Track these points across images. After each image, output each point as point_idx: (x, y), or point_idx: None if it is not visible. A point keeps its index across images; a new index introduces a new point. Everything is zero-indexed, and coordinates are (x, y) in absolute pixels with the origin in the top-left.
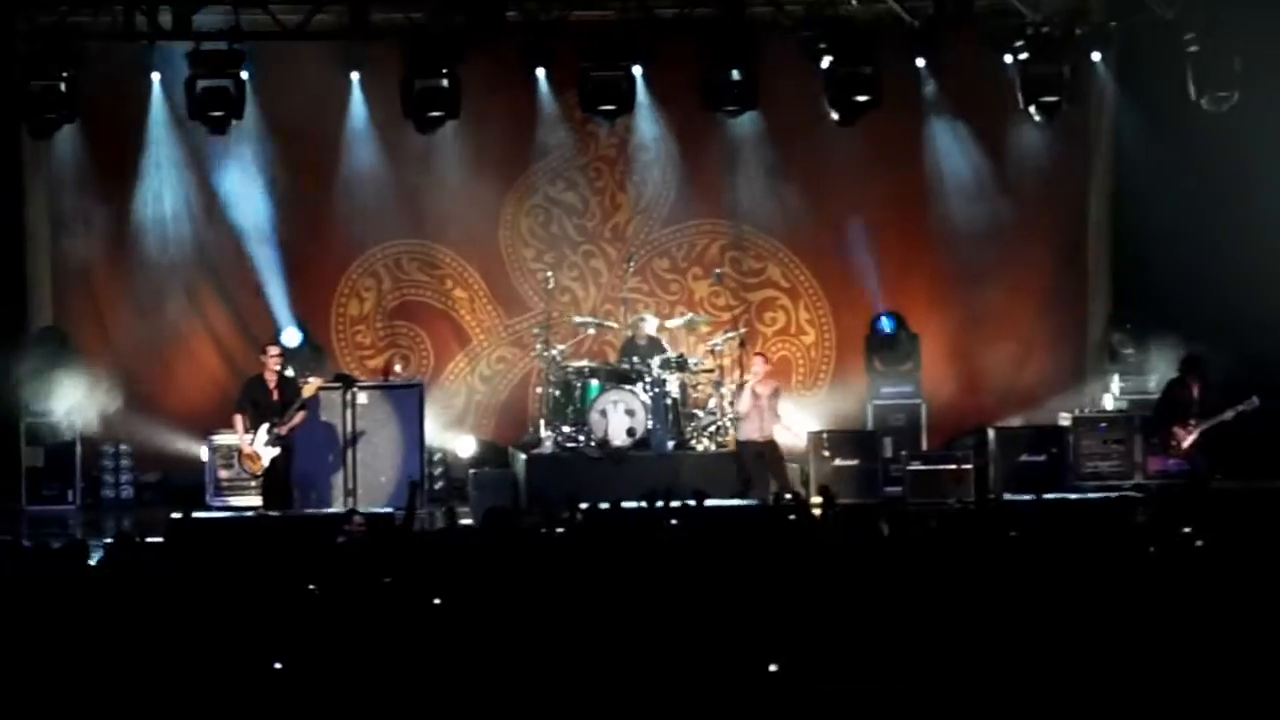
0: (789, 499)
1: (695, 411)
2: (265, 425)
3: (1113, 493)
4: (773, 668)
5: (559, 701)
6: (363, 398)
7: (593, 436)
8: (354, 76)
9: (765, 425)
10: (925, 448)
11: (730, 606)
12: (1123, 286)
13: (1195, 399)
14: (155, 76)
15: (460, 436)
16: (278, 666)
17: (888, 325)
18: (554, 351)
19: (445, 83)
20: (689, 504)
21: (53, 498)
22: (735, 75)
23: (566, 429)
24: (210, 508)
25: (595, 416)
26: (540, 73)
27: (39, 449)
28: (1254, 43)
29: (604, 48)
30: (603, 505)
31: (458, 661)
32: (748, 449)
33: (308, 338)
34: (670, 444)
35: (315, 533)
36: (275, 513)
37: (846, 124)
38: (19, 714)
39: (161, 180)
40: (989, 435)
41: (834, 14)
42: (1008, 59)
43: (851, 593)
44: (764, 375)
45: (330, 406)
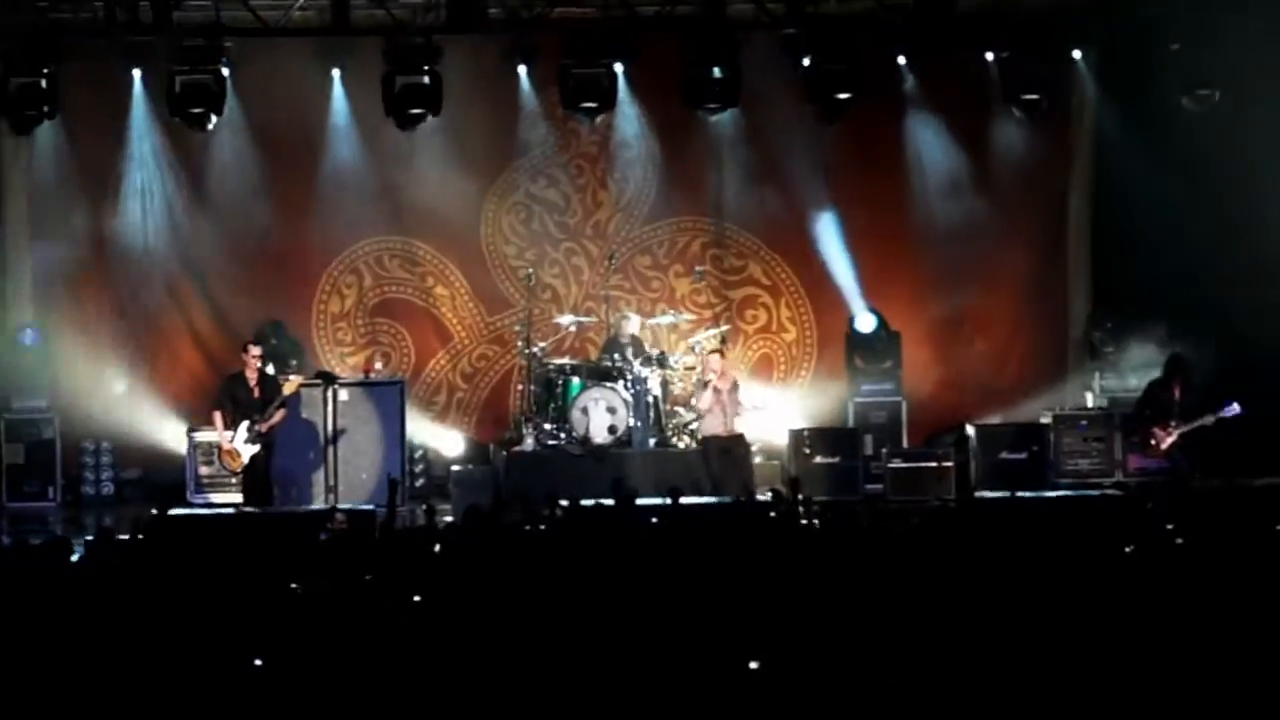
0: (771, 496)
1: (677, 409)
2: (245, 423)
3: (1093, 490)
4: (753, 665)
5: (540, 698)
6: (343, 395)
7: (574, 434)
8: (335, 73)
9: (729, 420)
10: (906, 445)
11: (710, 603)
12: (1103, 284)
13: (1176, 400)
14: (136, 73)
15: (448, 433)
16: (258, 663)
17: (868, 323)
18: (535, 349)
19: (426, 79)
20: (664, 502)
21: (33, 495)
22: (716, 72)
23: (548, 426)
24: (191, 504)
25: (577, 414)
26: (522, 70)
27: (19, 446)
28: (1235, 41)
29: (585, 45)
30: (584, 503)
31: (438, 659)
32: (712, 445)
33: (285, 334)
34: (652, 441)
35: (295, 530)
36: (255, 510)
37: (827, 121)
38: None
39: (142, 176)
40: (970, 433)
41: (815, 11)
42: (989, 56)
43: (832, 589)
44: (722, 371)
45: (311, 404)
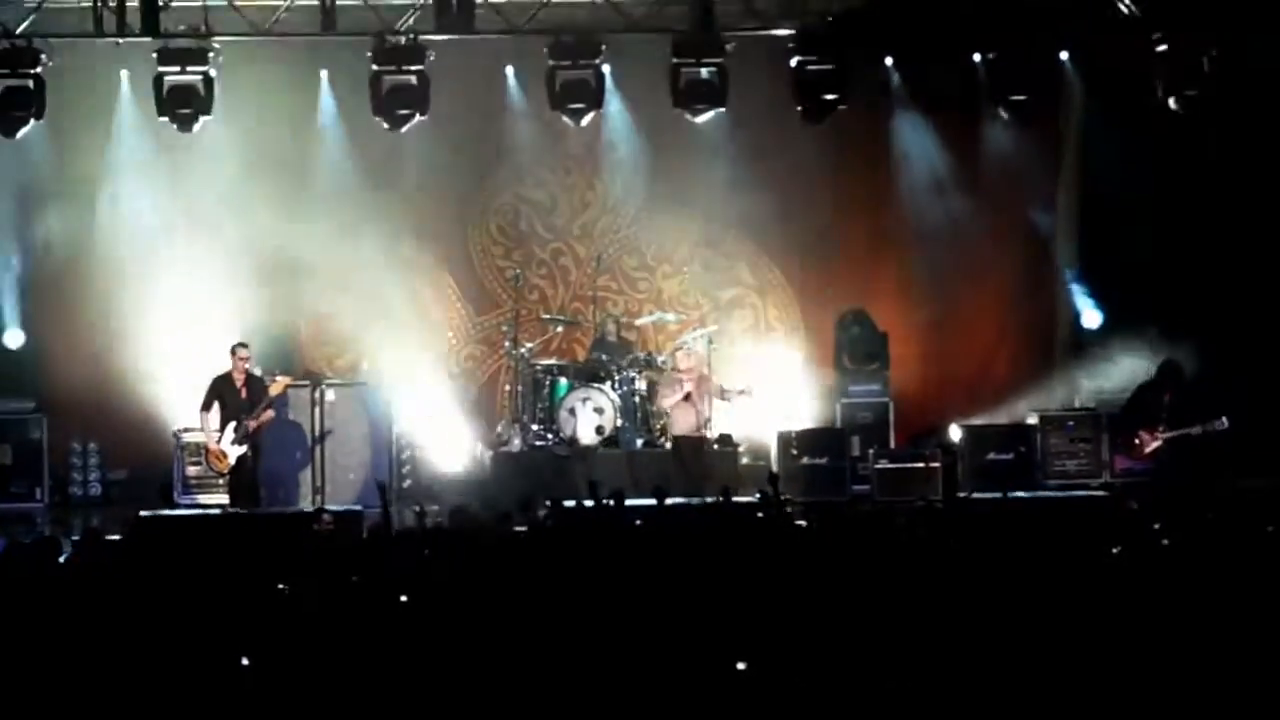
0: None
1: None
2: (232, 423)
3: (1079, 491)
4: (740, 666)
5: (528, 699)
6: (331, 395)
7: (561, 434)
8: (323, 73)
9: (700, 419)
10: (893, 446)
11: (697, 604)
12: (1090, 285)
13: (1165, 405)
14: (124, 74)
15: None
16: (245, 663)
17: (855, 323)
18: (523, 350)
19: (414, 80)
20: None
21: (21, 495)
22: (704, 74)
23: (535, 427)
24: (178, 505)
25: (564, 414)
26: (509, 70)
27: (7, 446)
28: (1221, 42)
29: (573, 45)
30: (567, 503)
31: (424, 659)
32: (684, 445)
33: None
34: (639, 442)
35: (282, 530)
36: (242, 510)
37: (814, 122)
38: None
39: (129, 177)
40: (957, 433)
41: (802, 12)
42: (976, 57)
43: (818, 589)
44: (689, 369)
45: (298, 404)
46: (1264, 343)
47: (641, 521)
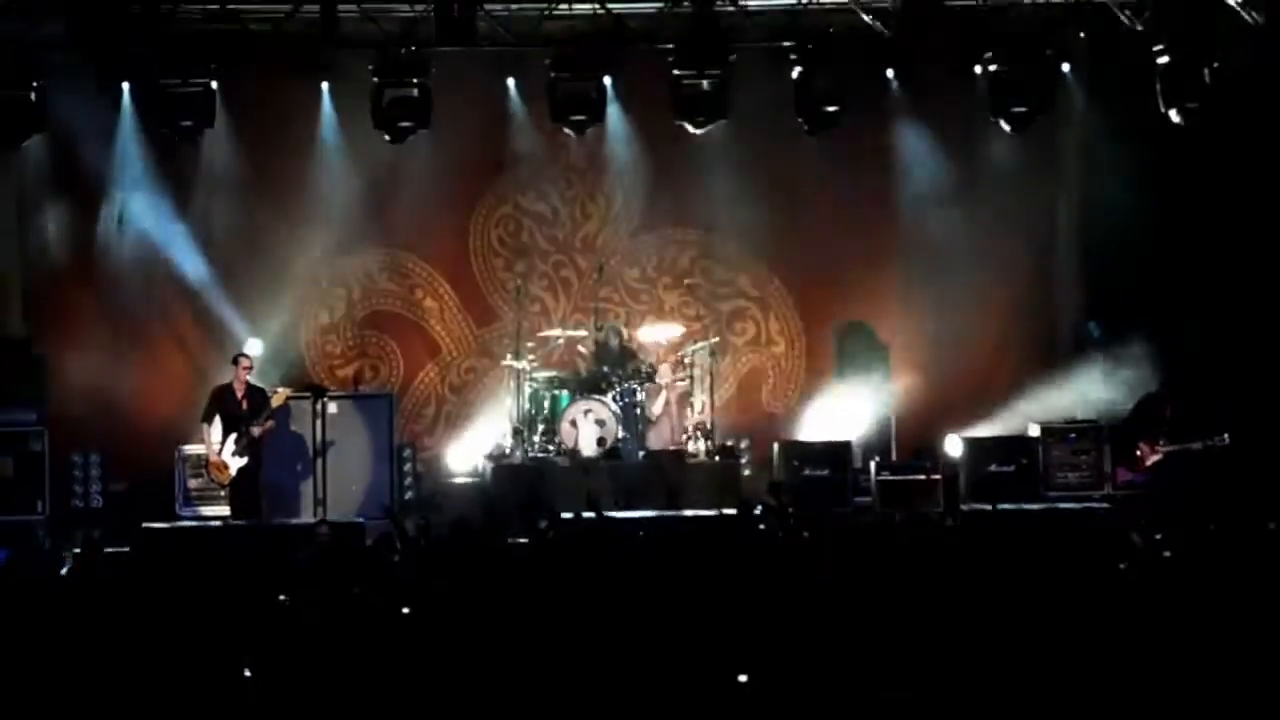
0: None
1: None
2: (234, 435)
3: (1080, 503)
4: (742, 678)
5: (530, 711)
6: (332, 407)
7: (563, 446)
8: (324, 85)
9: (675, 432)
10: (894, 458)
11: (699, 616)
12: (1092, 296)
13: (1167, 419)
14: (125, 85)
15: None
16: (247, 674)
17: (857, 335)
18: (524, 361)
19: (415, 92)
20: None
21: (22, 508)
22: (705, 85)
23: (536, 439)
24: (180, 517)
25: (566, 426)
26: (510, 82)
27: (8, 459)
28: (1222, 54)
29: (574, 57)
30: (566, 515)
31: (426, 672)
32: (663, 457)
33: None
34: (640, 454)
35: (283, 542)
36: (243, 522)
37: (815, 133)
38: None
39: (130, 189)
40: (958, 445)
41: (804, 24)
42: (977, 69)
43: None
44: (672, 381)
45: (300, 416)
46: (1266, 355)
47: (644, 532)
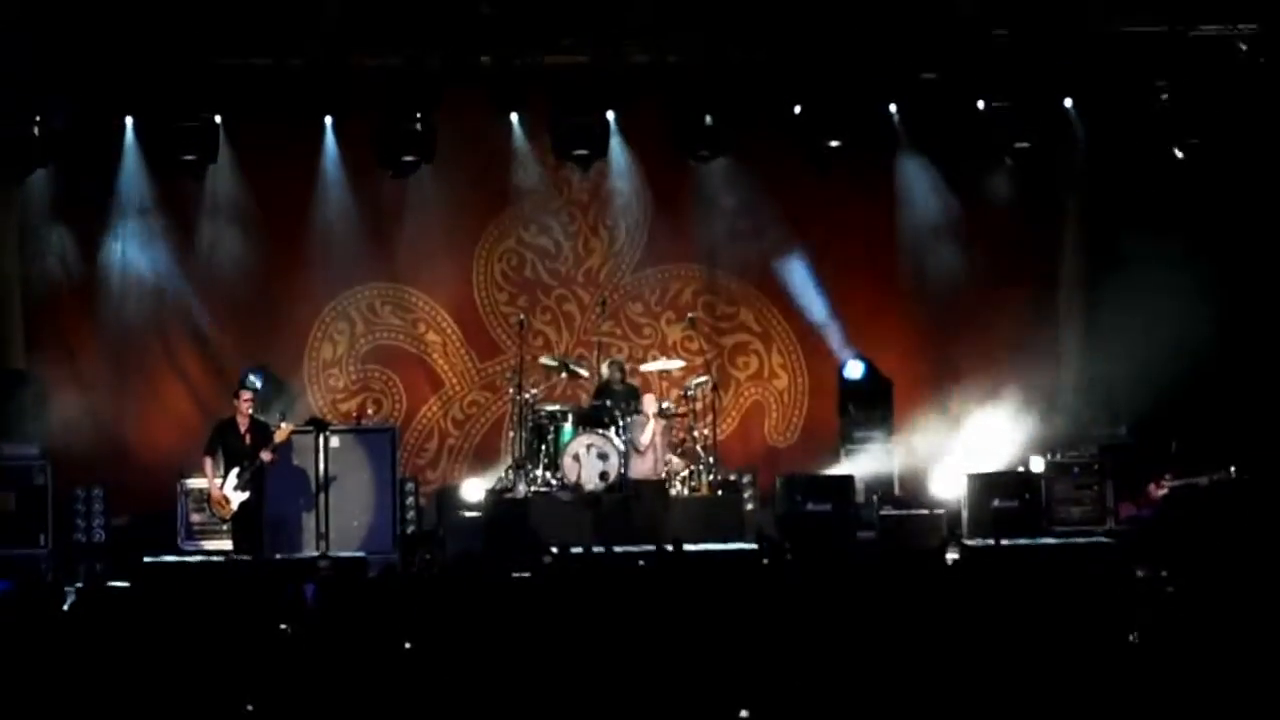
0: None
1: (669, 456)
2: (236, 469)
3: (1084, 538)
4: (744, 714)
5: None
6: (335, 441)
7: (566, 481)
8: (328, 120)
9: (659, 463)
10: (897, 492)
11: (701, 651)
12: (1095, 332)
13: (1172, 454)
14: (129, 120)
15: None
16: (249, 709)
17: (859, 370)
18: (527, 395)
19: (419, 127)
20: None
21: (24, 541)
22: (708, 120)
23: (539, 473)
24: (182, 551)
25: (568, 461)
26: (514, 117)
27: (11, 493)
28: (1222, 91)
29: (577, 92)
30: (574, 550)
31: (428, 706)
32: (645, 489)
33: (273, 380)
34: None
35: (285, 577)
36: (246, 557)
37: (818, 169)
38: None
39: (133, 223)
40: (961, 480)
41: (806, 59)
42: (980, 104)
43: (821, 638)
44: (655, 414)
45: (302, 450)
46: (1273, 387)
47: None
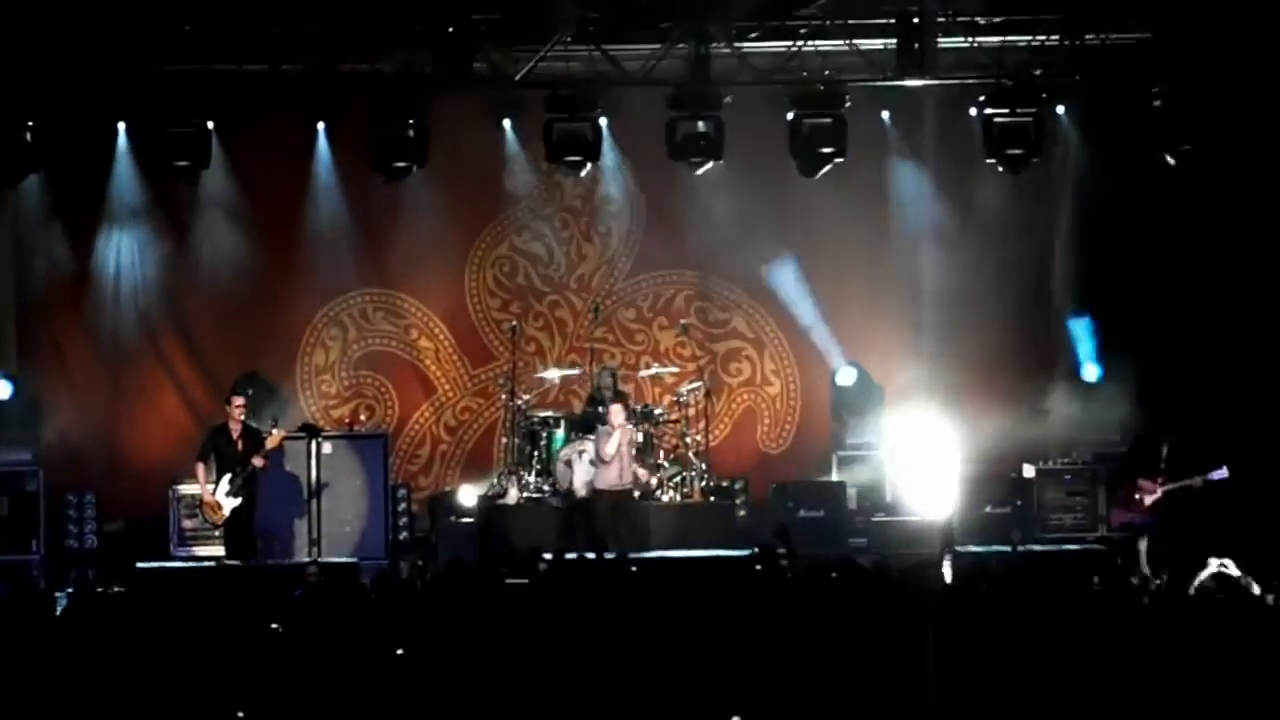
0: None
1: (661, 462)
2: (228, 475)
3: (1075, 545)
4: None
5: None
6: (327, 447)
7: (558, 487)
8: (320, 126)
9: (624, 473)
10: (889, 499)
11: (694, 658)
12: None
13: (1164, 457)
14: (121, 125)
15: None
16: (240, 716)
17: (851, 377)
18: (519, 401)
19: (412, 132)
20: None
21: (16, 547)
22: (701, 127)
23: (532, 479)
24: (175, 558)
25: (561, 467)
26: (507, 123)
27: (3, 498)
28: (1216, 96)
29: (570, 98)
30: (568, 556)
31: (420, 714)
32: (605, 499)
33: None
34: (636, 494)
35: (277, 582)
36: (237, 563)
37: (810, 175)
38: None
39: (126, 228)
40: (953, 486)
41: (799, 65)
42: (972, 111)
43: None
44: (620, 425)
45: (294, 456)
46: (1262, 388)
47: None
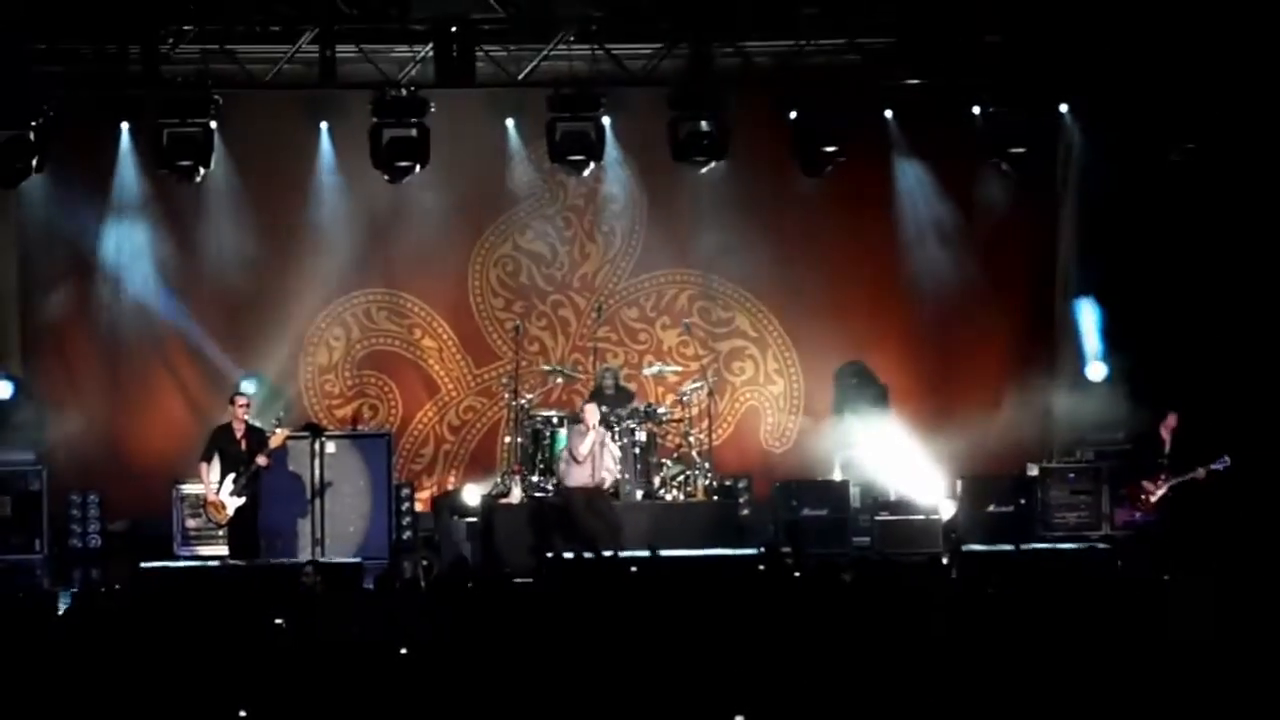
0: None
1: (664, 461)
2: (232, 475)
3: (1080, 543)
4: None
5: None
6: (331, 447)
7: (561, 485)
8: (323, 125)
9: (596, 472)
10: (893, 497)
11: (697, 656)
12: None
13: (1167, 453)
14: (124, 125)
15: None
16: (243, 715)
17: (855, 375)
18: (522, 401)
19: (414, 132)
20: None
21: (20, 547)
22: (704, 126)
23: (535, 478)
24: (178, 557)
25: (563, 466)
26: (509, 122)
27: (6, 498)
28: (1216, 94)
29: (573, 98)
30: (568, 555)
31: (424, 712)
32: (577, 496)
33: (268, 386)
34: (639, 494)
35: (280, 582)
36: (242, 562)
37: (813, 174)
38: None
39: (129, 228)
40: (957, 485)
41: (802, 65)
42: (975, 110)
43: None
44: (594, 425)
45: (298, 456)
46: (1265, 389)
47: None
